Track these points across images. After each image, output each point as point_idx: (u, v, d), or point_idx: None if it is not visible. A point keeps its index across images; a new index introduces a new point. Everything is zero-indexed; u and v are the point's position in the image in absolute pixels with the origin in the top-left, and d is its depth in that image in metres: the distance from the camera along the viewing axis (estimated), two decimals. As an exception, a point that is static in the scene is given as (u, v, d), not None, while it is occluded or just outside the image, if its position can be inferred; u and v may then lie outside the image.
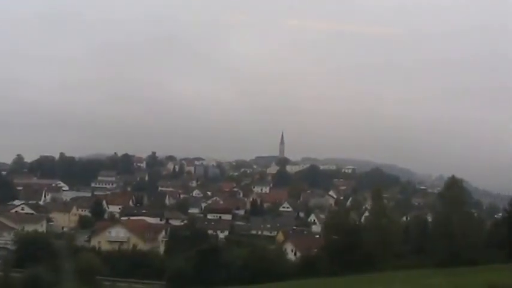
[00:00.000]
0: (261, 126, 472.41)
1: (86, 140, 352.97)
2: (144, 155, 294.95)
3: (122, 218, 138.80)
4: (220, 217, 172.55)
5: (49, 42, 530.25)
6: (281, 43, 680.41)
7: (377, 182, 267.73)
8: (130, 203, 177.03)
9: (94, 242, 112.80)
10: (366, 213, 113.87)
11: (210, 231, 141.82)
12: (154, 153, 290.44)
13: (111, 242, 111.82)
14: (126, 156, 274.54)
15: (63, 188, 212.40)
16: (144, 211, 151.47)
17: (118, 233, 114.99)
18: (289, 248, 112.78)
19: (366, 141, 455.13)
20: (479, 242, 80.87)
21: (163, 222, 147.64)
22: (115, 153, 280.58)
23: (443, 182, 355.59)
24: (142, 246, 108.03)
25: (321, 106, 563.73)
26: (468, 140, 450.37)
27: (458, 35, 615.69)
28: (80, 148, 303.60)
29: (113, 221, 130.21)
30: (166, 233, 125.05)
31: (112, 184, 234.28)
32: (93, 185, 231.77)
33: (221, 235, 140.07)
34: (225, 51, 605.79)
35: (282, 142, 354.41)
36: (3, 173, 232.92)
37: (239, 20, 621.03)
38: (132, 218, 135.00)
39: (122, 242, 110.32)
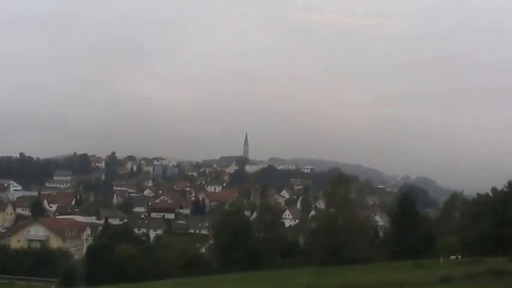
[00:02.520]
0: (228, 126, 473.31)
1: (49, 141, 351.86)
2: (106, 155, 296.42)
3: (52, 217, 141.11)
4: (163, 216, 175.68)
5: (10, 42, 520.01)
6: (246, 42, 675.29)
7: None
8: (74, 202, 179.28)
9: (14, 241, 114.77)
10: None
11: (143, 230, 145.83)
12: (113, 153, 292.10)
13: (30, 240, 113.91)
14: (84, 156, 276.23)
15: (16, 188, 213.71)
16: (76, 210, 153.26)
17: (37, 231, 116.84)
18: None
19: (334, 142, 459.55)
20: (363, 240, 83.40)
21: (101, 221, 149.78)
22: (75, 153, 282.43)
23: (409, 181, 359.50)
24: (61, 244, 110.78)
25: (289, 107, 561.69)
26: (436, 141, 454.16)
27: (427, 37, 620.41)
28: (42, 149, 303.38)
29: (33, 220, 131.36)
30: (92, 231, 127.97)
31: (66, 184, 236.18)
32: (47, 184, 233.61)
33: (153, 234, 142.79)
34: (188, 51, 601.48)
35: (246, 142, 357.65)
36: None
37: (200, 19, 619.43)
38: (62, 216, 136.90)
39: (40, 241, 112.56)
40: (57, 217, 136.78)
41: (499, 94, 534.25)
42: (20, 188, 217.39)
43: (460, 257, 51.28)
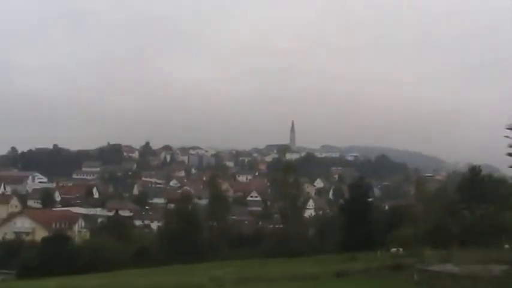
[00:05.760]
0: (279, 114, 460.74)
1: (84, 132, 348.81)
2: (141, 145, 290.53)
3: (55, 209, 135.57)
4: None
5: (38, 29, 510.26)
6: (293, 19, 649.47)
7: (379, 169, 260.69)
8: (88, 193, 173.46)
9: (0, 233, 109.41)
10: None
11: (146, 221, 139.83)
12: (147, 143, 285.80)
13: (16, 232, 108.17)
14: (117, 147, 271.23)
15: (41, 180, 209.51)
16: (78, 201, 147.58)
17: (23, 223, 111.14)
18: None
19: (393, 128, 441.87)
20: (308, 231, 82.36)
21: (110, 212, 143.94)
22: (108, 143, 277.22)
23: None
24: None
25: (346, 92, 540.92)
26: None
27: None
28: (77, 140, 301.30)
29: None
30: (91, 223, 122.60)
31: (93, 175, 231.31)
32: (74, 176, 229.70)
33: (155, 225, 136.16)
34: (229, 34, 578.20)
35: (292, 130, 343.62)
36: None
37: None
38: (59, 208, 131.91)
39: (26, 233, 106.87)
40: (53, 209, 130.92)
41: None
42: (45, 179, 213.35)
43: (401, 249, 47.63)
